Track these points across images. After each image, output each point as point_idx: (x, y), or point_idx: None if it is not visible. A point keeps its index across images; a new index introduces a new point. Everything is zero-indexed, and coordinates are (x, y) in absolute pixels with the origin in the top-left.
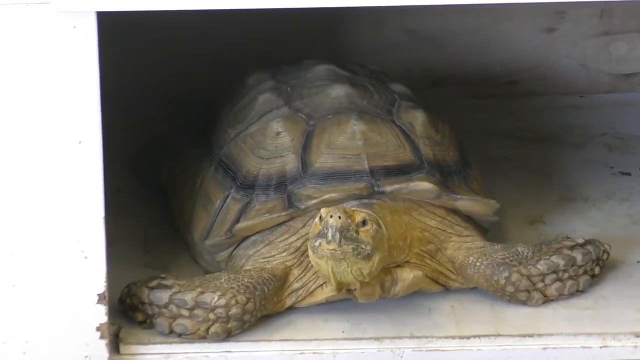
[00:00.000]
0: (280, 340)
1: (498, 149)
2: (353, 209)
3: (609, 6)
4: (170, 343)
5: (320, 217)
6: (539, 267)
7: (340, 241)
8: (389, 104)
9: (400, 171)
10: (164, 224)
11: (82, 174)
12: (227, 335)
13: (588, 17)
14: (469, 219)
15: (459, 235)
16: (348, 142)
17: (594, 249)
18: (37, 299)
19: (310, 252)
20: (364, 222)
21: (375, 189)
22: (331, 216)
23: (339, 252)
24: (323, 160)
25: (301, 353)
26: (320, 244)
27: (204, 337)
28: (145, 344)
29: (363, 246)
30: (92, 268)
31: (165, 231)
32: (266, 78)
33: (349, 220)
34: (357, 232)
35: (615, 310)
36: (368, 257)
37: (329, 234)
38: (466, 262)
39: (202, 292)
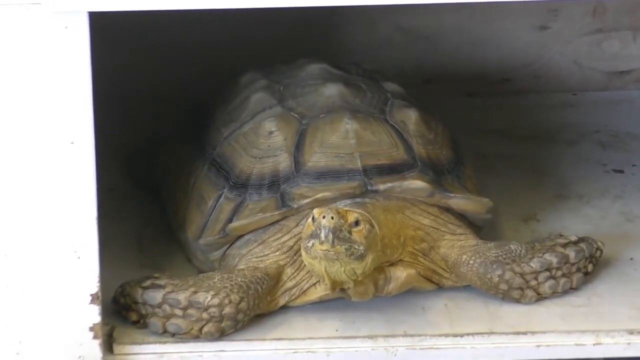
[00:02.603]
0: (274, 339)
1: (491, 147)
2: (346, 209)
3: (601, 4)
4: (164, 343)
5: (313, 218)
6: (532, 265)
7: (333, 242)
8: (382, 102)
9: (394, 170)
10: (158, 223)
11: (75, 174)
12: (221, 335)
13: (581, 15)
14: (463, 217)
15: (452, 233)
16: (341, 141)
17: (587, 247)
18: (31, 299)
19: (303, 252)
20: (356, 223)
21: (369, 187)
22: (324, 217)
23: (332, 252)
24: (316, 159)
25: (295, 352)
26: (313, 244)
27: (197, 337)
28: (139, 343)
29: (356, 246)
30: (85, 268)
31: (159, 231)
32: (259, 77)
33: (342, 221)
34: (349, 232)
35: (609, 308)
36: (361, 257)
37: (322, 235)
38: (459, 260)
39: (195, 292)
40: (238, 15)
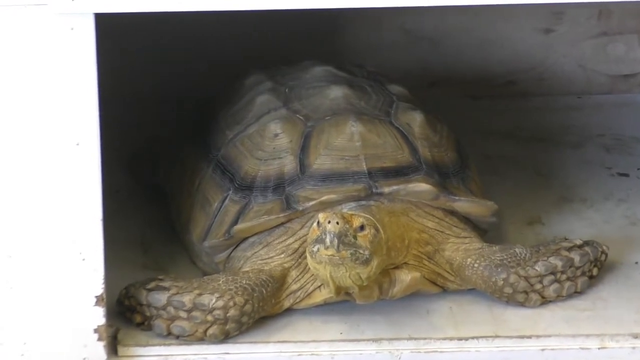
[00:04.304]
0: (279, 341)
1: (496, 150)
2: (351, 213)
3: (606, 7)
4: (168, 345)
5: (318, 223)
6: (537, 268)
7: (338, 247)
8: (387, 105)
9: (399, 172)
10: (162, 225)
11: (80, 175)
12: (225, 337)
13: (586, 18)
14: (467, 220)
15: (457, 236)
16: (346, 143)
17: (591, 250)
18: (35, 300)
19: (308, 257)
20: (362, 227)
21: (374, 190)
22: (329, 222)
23: (337, 257)
24: (321, 161)
25: (299, 355)
26: (318, 249)
27: (201, 339)
28: (143, 345)
29: (361, 251)
30: (90, 270)
31: (164, 233)
32: (264, 79)
33: (347, 226)
34: (355, 237)
35: (614, 312)
36: (366, 262)
37: (327, 240)
38: (464, 263)
39: (200, 294)
40: (242, 17)
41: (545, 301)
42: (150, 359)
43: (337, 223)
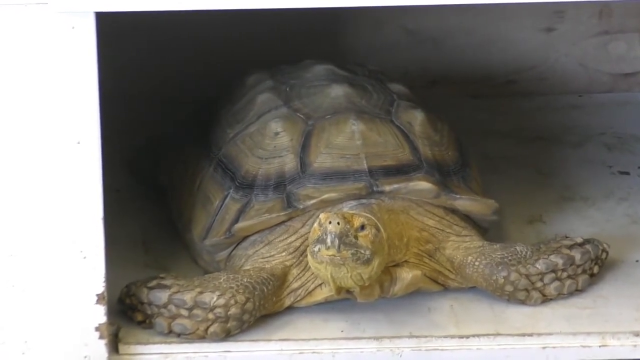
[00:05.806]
0: (280, 339)
1: (497, 149)
2: (352, 213)
3: (607, 6)
4: (170, 343)
5: (319, 223)
6: (537, 266)
7: (339, 247)
8: (388, 103)
9: (399, 171)
10: (164, 224)
11: (81, 174)
12: (226, 335)
13: (587, 17)
14: (468, 219)
15: (458, 234)
16: (347, 142)
17: (592, 248)
18: (36, 299)
19: (309, 257)
20: (362, 227)
21: (374, 188)
22: (330, 222)
23: (338, 257)
24: (322, 160)
25: (300, 353)
26: (319, 249)
27: (203, 337)
28: (145, 343)
29: (362, 251)
30: (91, 268)
31: (165, 231)
32: (265, 78)
33: (348, 226)
34: (356, 237)
35: (614, 310)
36: (367, 261)
37: (328, 240)
38: (465, 261)
39: (201, 292)
40: (243, 16)
41: (546, 299)
42: (152, 357)
43: (338, 223)
